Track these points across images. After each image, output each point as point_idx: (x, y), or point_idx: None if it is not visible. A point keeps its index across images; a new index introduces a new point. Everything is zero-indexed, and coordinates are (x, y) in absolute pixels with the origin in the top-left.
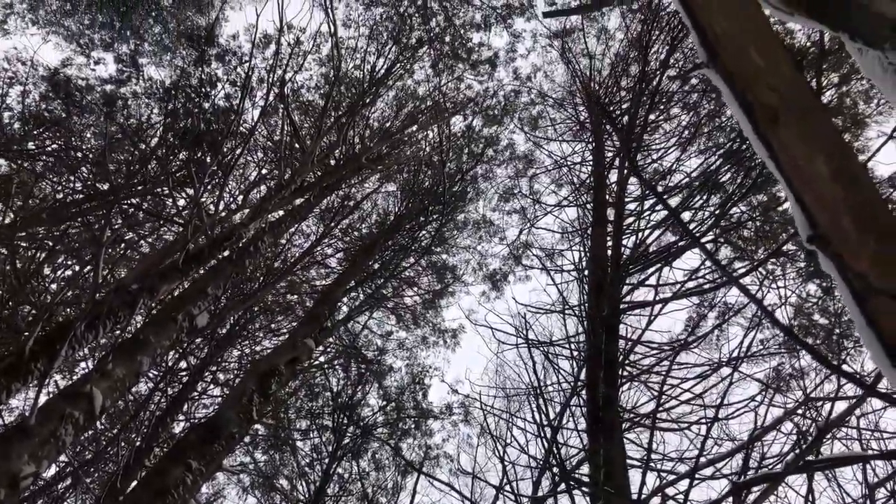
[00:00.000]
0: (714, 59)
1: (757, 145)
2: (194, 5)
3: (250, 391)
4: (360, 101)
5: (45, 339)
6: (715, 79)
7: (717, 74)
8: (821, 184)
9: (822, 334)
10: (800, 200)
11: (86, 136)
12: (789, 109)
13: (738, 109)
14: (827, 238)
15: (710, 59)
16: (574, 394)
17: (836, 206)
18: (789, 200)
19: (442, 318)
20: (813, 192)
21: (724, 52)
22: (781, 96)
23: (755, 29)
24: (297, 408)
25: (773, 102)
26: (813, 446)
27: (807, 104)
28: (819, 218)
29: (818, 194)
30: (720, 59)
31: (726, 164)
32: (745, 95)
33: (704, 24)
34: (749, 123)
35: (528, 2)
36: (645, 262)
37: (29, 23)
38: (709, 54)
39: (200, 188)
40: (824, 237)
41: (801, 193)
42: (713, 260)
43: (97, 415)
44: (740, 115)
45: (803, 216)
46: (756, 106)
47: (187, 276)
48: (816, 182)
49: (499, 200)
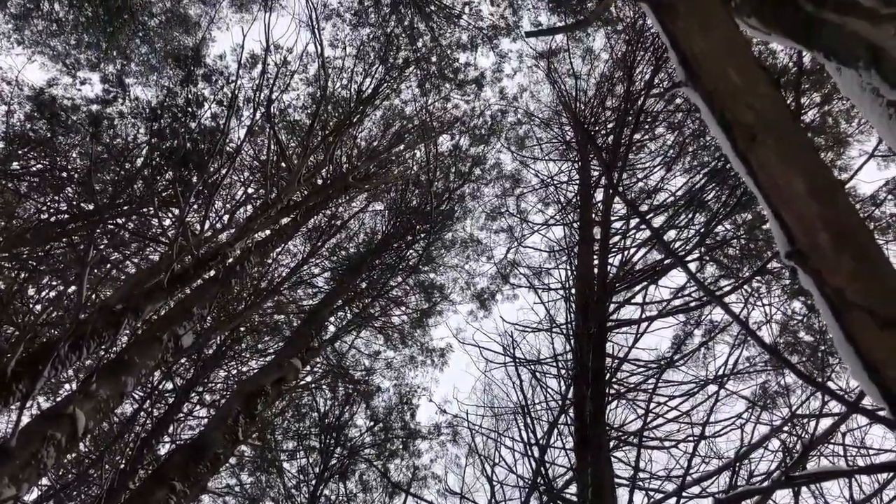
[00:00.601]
0: (693, 79)
1: (736, 163)
2: (181, 26)
3: (236, 412)
4: (348, 121)
5: (28, 360)
6: (694, 97)
7: (696, 93)
8: (798, 201)
9: (808, 351)
10: (778, 217)
11: (71, 156)
12: (767, 128)
13: (717, 128)
14: (805, 254)
15: (690, 78)
16: (562, 412)
17: (812, 223)
18: (769, 217)
19: (430, 337)
20: (791, 209)
21: (703, 71)
22: (758, 115)
23: (733, 49)
24: (284, 429)
25: (751, 121)
26: (799, 462)
27: (784, 123)
28: (797, 234)
29: (796, 211)
30: (699, 79)
31: (711, 183)
32: (723, 114)
33: (683, 45)
34: (728, 141)
35: (513, 22)
36: (631, 281)
37: (14, 43)
38: (688, 73)
39: (186, 207)
40: (802, 253)
41: (779, 210)
42: (697, 280)
43: (80, 436)
44: (719, 133)
45: (782, 232)
46: (734, 124)
47: (172, 295)
48: (794, 199)
49: (486, 219)
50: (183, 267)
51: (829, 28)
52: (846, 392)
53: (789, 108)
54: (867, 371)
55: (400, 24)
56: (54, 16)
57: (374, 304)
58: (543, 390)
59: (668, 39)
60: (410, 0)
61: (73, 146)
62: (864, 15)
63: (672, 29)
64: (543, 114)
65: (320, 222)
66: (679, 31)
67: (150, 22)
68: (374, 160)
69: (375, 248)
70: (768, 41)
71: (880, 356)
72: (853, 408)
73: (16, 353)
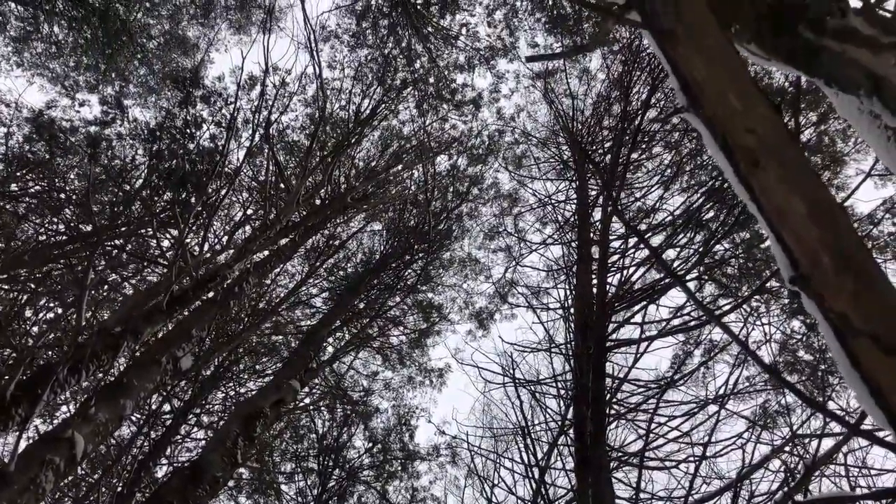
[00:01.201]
0: (694, 104)
1: (738, 188)
2: (179, 47)
3: (234, 434)
4: (346, 141)
5: (27, 384)
6: (696, 122)
7: (697, 118)
8: (800, 225)
9: (807, 370)
10: (781, 241)
11: (69, 178)
12: (768, 152)
13: (718, 152)
14: (808, 278)
15: (691, 103)
16: (561, 433)
17: (814, 247)
18: (771, 241)
19: (428, 357)
20: (793, 233)
21: (704, 96)
22: (760, 139)
23: (734, 74)
24: (282, 450)
25: (752, 145)
26: (801, 484)
27: (785, 146)
28: (800, 258)
29: (798, 235)
30: (700, 104)
31: (709, 202)
32: (725, 139)
33: (684, 70)
34: (730, 166)
35: (510, 43)
36: (630, 300)
37: (14, 65)
38: (689, 99)
39: (185, 229)
40: (805, 277)
41: (781, 234)
42: (696, 300)
43: (78, 461)
44: (721, 157)
45: (785, 256)
46: (736, 149)
47: (171, 317)
48: (796, 223)
49: (484, 239)
50: (182, 289)
51: (830, 55)
52: (847, 412)
53: (789, 131)
54: (874, 397)
55: (397, 46)
56: (53, 38)
57: (372, 325)
58: (543, 411)
59: (669, 65)
60: (408, 21)
61: (72, 167)
62: (864, 43)
63: (673, 55)
64: (541, 133)
65: (318, 242)
66: (680, 57)
67: (148, 44)
68: (373, 180)
69: (374, 267)
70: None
71: (885, 382)
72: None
73: (15, 377)
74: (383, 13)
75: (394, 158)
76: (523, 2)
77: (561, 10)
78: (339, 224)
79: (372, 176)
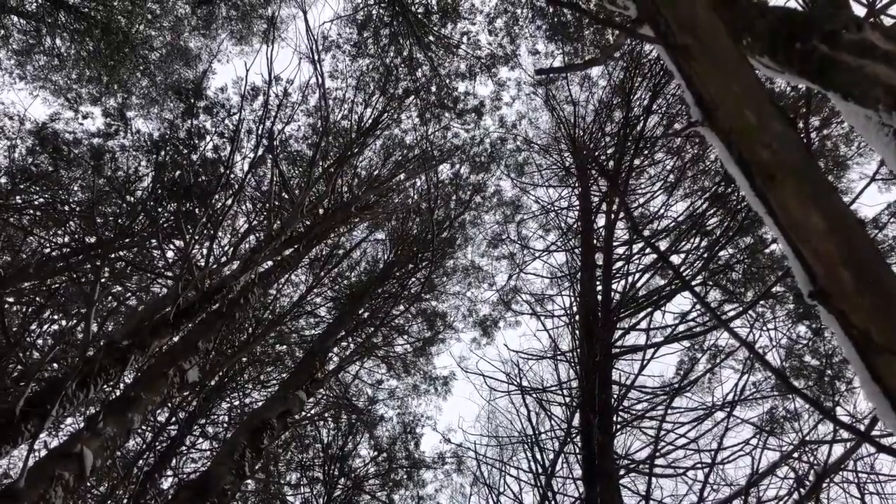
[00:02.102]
0: (709, 118)
1: (754, 202)
2: (182, 59)
3: (242, 446)
4: (349, 151)
5: (36, 399)
6: (710, 136)
7: (712, 133)
8: (817, 239)
9: (815, 375)
10: (799, 256)
11: (73, 190)
12: (784, 167)
13: (734, 167)
14: (827, 293)
15: (706, 118)
16: (568, 441)
17: (833, 261)
18: (788, 255)
19: (433, 365)
20: (811, 248)
21: (719, 111)
22: (775, 153)
23: (748, 88)
24: (287, 460)
25: (768, 159)
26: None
27: (801, 160)
28: (818, 273)
29: (816, 249)
30: (715, 118)
31: (712, 208)
32: (740, 153)
33: (699, 85)
34: (746, 181)
35: (511, 51)
36: (635, 307)
37: (17, 78)
38: (704, 113)
39: (191, 241)
40: (824, 292)
41: (799, 249)
42: (704, 304)
43: (87, 475)
44: (737, 172)
45: (803, 271)
46: (752, 164)
47: (178, 330)
48: (813, 237)
49: (487, 246)
50: (188, 301)
51: (846, 69)
52: (856, 419)
53: (805, 144)
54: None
55: (399, 55)
56: (56, 51)
57: (377, 334)
58: (549, 418)
59: (683, 80)
60: (409, 31)
61: (76, 179)
62: (882, 58)
63: (687, 70)
64: (542, 140)
65: (322, 252)
66: (694, 71)
67: (150, 55)
68: (376, 189)
69: (378, 276)
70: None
71: None
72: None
73: (25, 393)
74: (384, 23)
75: (397, 167)
76: (524, 10)
77: (561, 18)
78: (343, 233)
79: (375, 185)
